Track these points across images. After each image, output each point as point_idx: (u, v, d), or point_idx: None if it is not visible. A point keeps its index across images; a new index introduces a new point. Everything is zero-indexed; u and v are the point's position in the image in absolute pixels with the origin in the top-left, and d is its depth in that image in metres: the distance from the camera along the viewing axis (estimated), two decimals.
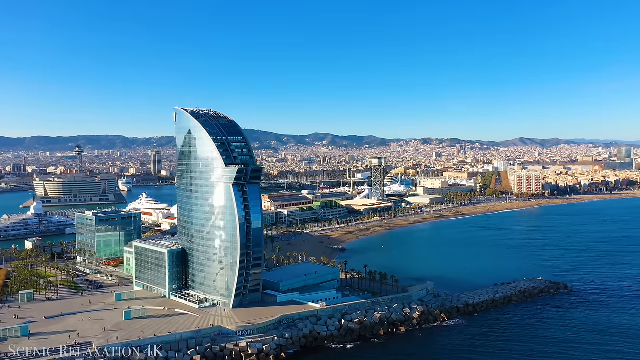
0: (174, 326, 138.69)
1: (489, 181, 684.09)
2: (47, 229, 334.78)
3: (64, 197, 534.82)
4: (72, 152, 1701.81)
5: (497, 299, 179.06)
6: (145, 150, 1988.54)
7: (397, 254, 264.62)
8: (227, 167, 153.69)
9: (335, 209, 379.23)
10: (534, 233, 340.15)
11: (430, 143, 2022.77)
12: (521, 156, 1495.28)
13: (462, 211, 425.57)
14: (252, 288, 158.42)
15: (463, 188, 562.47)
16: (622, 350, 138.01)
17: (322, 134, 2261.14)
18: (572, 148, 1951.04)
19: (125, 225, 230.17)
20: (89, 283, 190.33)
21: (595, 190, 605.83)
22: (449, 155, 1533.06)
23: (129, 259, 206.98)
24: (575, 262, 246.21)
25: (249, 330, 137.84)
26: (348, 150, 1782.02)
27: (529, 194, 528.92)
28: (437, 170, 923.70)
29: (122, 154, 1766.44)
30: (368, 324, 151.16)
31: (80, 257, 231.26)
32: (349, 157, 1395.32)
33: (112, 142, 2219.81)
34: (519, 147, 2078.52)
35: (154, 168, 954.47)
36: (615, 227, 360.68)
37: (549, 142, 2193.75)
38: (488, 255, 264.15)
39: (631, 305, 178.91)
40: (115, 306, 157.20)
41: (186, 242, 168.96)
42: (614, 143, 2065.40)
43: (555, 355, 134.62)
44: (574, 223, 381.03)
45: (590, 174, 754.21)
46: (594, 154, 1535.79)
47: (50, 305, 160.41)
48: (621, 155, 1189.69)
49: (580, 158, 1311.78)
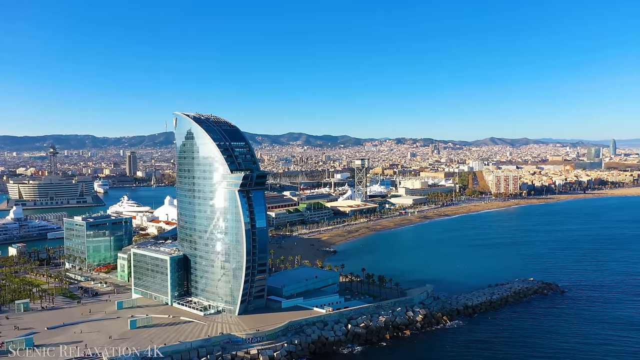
0: (182, 334, 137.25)
1: (466, 181, 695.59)
2: (27, 234, 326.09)
3: (39, 200, 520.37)
4: (40, 152, 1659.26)
5: (494, 301, 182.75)
6: (116, 150, 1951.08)
7: (389, 255, 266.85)
8: (232, 174, 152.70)
9: (321, 211, 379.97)
10: (517, 232, 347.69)
11: (404, 143, 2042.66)
12: (493, 155, 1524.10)
13: (445, 212, 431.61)
14: (257, 294, 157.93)
15: (443, 188, 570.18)
16: (622, 344, 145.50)
17: (297, 133, 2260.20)
18: (541, 147, 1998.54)
19: (115, 231, 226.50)
20: (84, 290, 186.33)
21: (570, 189, 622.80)
22: (423, 155, 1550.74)
23: (123, 265, 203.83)
24: (562, 262, 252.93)
25: (259, 338, 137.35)
26: (323, 150, 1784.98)
27: (507, 194, 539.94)
28: (414, 170, 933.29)
29: (93, 154, 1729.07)
30: (374, 328, 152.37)
31: (69, 264, 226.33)
32: (325, 157, 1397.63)
33: (82, 142, 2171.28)
34: (490, 146, 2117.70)
35: (129, 169, 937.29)
36: (594, 225, 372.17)
37: (519, 142, 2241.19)
38: (477, 256, 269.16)
39: (622, 302, 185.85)
40: (117, 315, 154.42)
41: (188, 248, 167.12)
42: (580, 143, 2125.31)
43: (562, 353, 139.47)
44: (554, 222, 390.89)
45: (564, 173, 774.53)
46: (562, 153, 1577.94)
47: (49, 315, 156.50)
48: (590, 155, 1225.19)
49: (550, 158, 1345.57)
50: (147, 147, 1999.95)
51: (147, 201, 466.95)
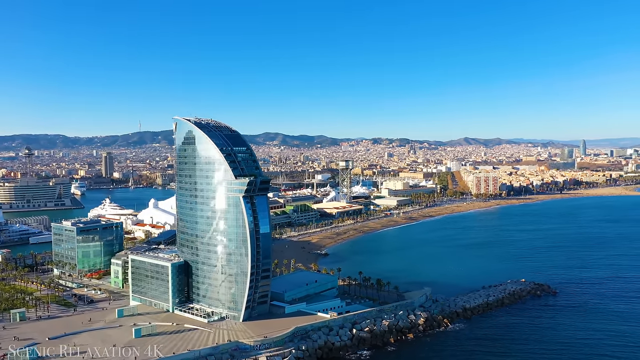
0: (190, 343, 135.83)
1: (445, 182, 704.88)
2: (8, 239, 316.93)
3: (15, 203, 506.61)
4: (9, 153, 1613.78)
5: (491, 302, 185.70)
6: (89, 150, 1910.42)
7: (380, 257, 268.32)
8: (236, 179, 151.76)
9: (308, 213, 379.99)
10: (502, 233, 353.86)
11: (380, 143, 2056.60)
12: (468, 155, 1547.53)
13: (429, 213, 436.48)
14: (260, 300, 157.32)
15: (425, 189, 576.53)
16: (620, 342, 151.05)
17: (273, 133, 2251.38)
18: (514, 147, 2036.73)
19: (105, 236, 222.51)
20: (78, 298, 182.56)
21: (547, 190, 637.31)
22: (400, 155, 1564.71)
23: (117, 271, 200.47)
24: (549, 262, 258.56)
25: (267, 344, 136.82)
26: (300, 150, 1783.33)
27: (488, 194, 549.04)
28: (393, 171, 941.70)
29: (65, 154, 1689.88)
30: (378, 332, 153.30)
31: (58, 270, 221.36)
32: (303, 157, 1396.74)
33: (53, 142, 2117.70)
34: (465, 146, 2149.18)
35: (105, 170, 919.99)
36: (574, 225, 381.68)
37: (492, 142, 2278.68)
38: (467, 256, 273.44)
39: (612, 300, 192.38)
40: (119, 323, 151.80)
41: (188, 254, 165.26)
42: (550, 143, 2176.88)
43: (563, 352, 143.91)
44: (535, 222, 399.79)
45: (540, 174, 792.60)
46: (535, 153, 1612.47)
47: (48, 324, 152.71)
48: (564, 156, 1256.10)
49: (523, 158, 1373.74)
50: (121, 147, 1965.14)
51: (126, 203, 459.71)
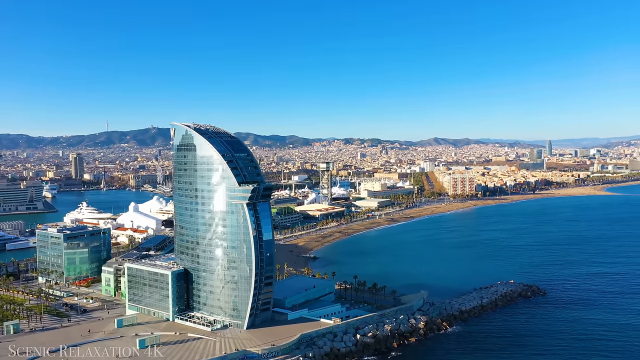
0: (197, 353, 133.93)
1: (420, 182, 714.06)
2: None
3: None
4: None
5: (485, 305, 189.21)
6: (54, 150, 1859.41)
7: (369, 259, 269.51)
8: (239, 186, 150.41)
9: (292, 215, 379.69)
10: (483, 233, 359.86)
11: (352, 143, 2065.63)
12: (439, 155, 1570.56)
13: (410, 214, 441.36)
14: (263, 307, 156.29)
15: (402, 190, 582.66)
16: (608, 337, 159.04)
17: (244, 133, 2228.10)
18: (482, 147, 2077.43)
19: (92, 242, 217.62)
20: (70, 307, 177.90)
21: (520, 190, 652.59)
22: (372, 155, 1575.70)
23: (109, 279, 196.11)
24: (533, 262, 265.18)
25: (274, 352, 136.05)
26: (273, 150, 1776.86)
27: (464, 195, 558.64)
28: (368, 171, 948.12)
29: (29, 155, 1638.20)
30: (381, 337, 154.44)
31: (43, 278, 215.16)
32: (276, 157, 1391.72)
33: (15, 142, 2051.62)
34: (435, 146, 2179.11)
35: (75, 172, 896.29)
36: (551, 225, 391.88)
37: (461, 142, 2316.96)
38: (454, 257, 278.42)
39: (599, 300, 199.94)
40: (119, 334, 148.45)
41: (189, 261, 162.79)
42: (516, 143, 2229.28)
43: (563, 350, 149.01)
44: (513, 222, 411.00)
45: (512, 174, 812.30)
46: (502, 153, 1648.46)
47: (45, 336, 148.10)
48: (533, 156, 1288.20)
49: (493, 158, 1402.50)
50: (88, 148, 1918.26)
51: (101, 206, 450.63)
